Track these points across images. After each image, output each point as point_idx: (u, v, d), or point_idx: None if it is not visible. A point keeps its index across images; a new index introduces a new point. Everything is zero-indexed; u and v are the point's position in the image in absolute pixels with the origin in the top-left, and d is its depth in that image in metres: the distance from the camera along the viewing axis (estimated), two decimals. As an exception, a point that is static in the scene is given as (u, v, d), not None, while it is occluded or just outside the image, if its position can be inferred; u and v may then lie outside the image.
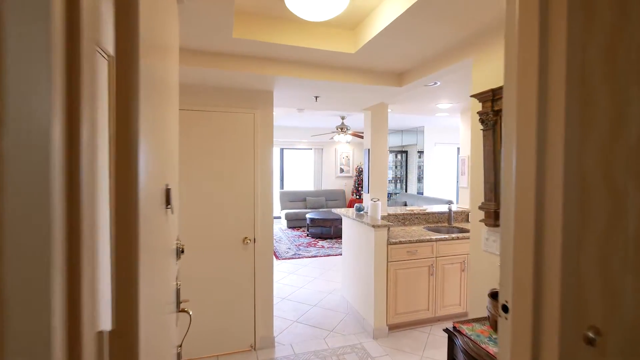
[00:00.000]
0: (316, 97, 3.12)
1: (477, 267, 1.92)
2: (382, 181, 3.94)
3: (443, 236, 3.41)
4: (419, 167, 9.10)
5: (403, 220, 4.03)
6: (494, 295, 1.55)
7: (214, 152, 2.73)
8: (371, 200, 3.74)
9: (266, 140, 2.88)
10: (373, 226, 3.15)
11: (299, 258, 5.86)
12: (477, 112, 1.81)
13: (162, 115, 0.90)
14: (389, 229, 3.23)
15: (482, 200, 1.87)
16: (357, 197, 9.62)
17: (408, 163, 9.39)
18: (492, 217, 1.74)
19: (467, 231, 3.76)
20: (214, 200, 2.72)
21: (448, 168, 9.16)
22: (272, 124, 2.92)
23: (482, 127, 1.79)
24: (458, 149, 9.37)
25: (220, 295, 2.81)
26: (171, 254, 1.20)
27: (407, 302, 3.31)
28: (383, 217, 3.90)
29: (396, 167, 9.58)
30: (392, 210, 4.18)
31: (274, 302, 3.92)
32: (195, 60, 2.22)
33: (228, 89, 2.76)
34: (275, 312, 3.66)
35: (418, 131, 8.82)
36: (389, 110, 4.01)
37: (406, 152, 9.44)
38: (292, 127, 8.75)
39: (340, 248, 6.56)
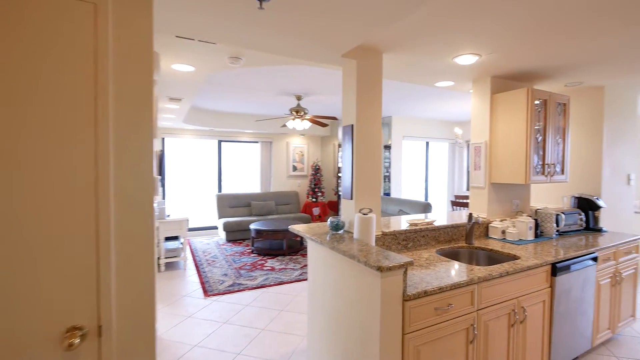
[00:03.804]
0: (261, 1, 1.47)
1: None
2: (374, 180, 2.40)
3: (486, 272, 1.97)
4: (384, 164, 7.82)
5: (405, 242, 2.53)
6: None
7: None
8: (360, 212, 2.18)
9: (139, 81, 1.17)
10: (379, 269, 1.59)
11: (238, 291, 4.11)
12: None
13: None
14: (405, 272, 1.68)
15: None
16: (314, 199, 8.07)
17: (371, 160, 8.07)
18: None
19: (509, 258, 2.38)
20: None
21: (417, 166, 8.02)
22: (152, 44, 1.21)
23: None
24: (427, 143, 8.30)
25: None
26: None
27: (434, 401, 1.80)
28: (377, 238, 2.38)
29: (358, 165, 8.21)
30: (384, 224, 2.67)
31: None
32: None
33: None
34: None
35: (384, 123, 7.54)
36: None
37: (369, 147, 8.10)
38: (233, 113, 6.92)
39: (298, 269, 4.94)
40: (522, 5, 1.74)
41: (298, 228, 2.52)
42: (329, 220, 2.38)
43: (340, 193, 8.09)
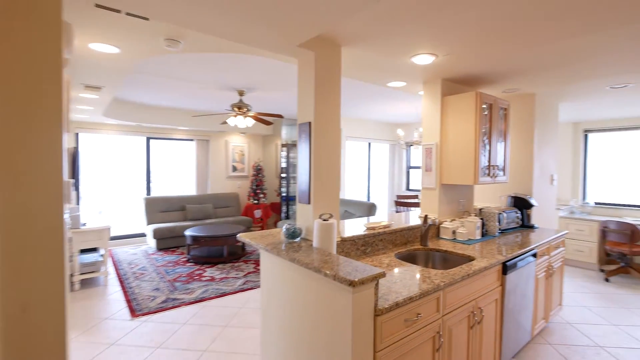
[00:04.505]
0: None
1: None
2: (333, 182, 2.22)
3: (450, 277, 1.91)
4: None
5: (364, 247, 2.40)
6: None
7: None
8: (320, 217, 1.98)
9: (41, 54, 0.82)
10: (351, 284, 1.41)
11: (173, 308, 3.63)
12: None
13: None
14: (377, 285, 1.53)
15: None
16: (255, 201, 7.68)
17: (315, 160, 7.96)
18: None
19: (464, 259, 2.38)
20: None
21: (359, 166, 8.12)
22: (60, 5, 0.86)
23: None
24: (369, 144, 8.46)
25: None
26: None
27: (405, 420, 1.68)
28: (337, 245, 2.21)
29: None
30: (345, 230, 2.51)
31: None
32: None
33: None
34: None
35: (327, 123, 7.47)
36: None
37: (313, 147, 7.98)
38: (165, 108, 6.23)
39: (241, 278, 4.57)
40: (478, 9, 1.71)
41: (247, 238, 2.23)
42: (284, 227, 2.14)
43: (283, 194, 7.82)
